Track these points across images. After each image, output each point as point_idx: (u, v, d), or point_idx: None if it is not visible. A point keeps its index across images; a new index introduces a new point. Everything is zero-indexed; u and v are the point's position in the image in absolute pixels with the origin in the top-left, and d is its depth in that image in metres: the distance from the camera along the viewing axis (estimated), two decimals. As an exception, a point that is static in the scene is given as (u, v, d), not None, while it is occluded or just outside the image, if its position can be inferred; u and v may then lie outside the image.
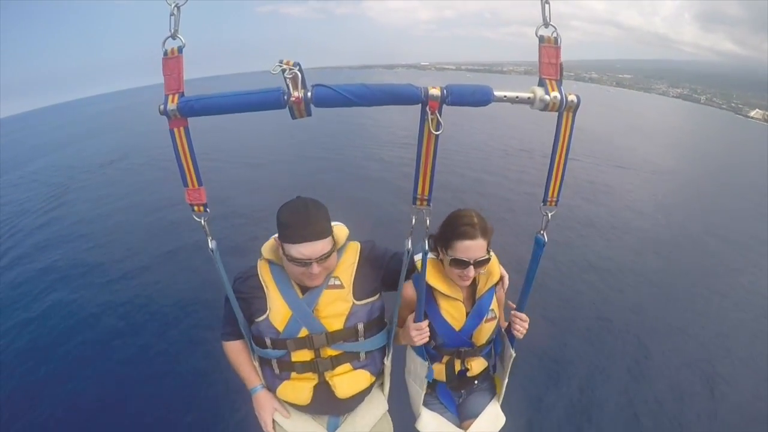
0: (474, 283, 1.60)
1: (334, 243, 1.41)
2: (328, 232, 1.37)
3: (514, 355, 1.63)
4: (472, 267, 1.46)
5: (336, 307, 1.44)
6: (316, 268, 1.34)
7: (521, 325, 1.56)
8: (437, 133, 1.08)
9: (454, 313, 1.57)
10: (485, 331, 1.61)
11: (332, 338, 1.45)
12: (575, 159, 14.46)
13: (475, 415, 1.70)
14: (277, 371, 1.53)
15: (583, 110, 1.18)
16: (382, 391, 1.69)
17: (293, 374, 1.51)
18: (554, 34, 1.10)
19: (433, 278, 1.54)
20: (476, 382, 1.74)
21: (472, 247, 1.44)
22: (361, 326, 1.48)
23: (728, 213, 10.65)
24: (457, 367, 1.67)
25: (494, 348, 1.75)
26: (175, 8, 1.00)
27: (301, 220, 1.31)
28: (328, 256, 1.36)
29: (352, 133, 17.87)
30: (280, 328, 1.43)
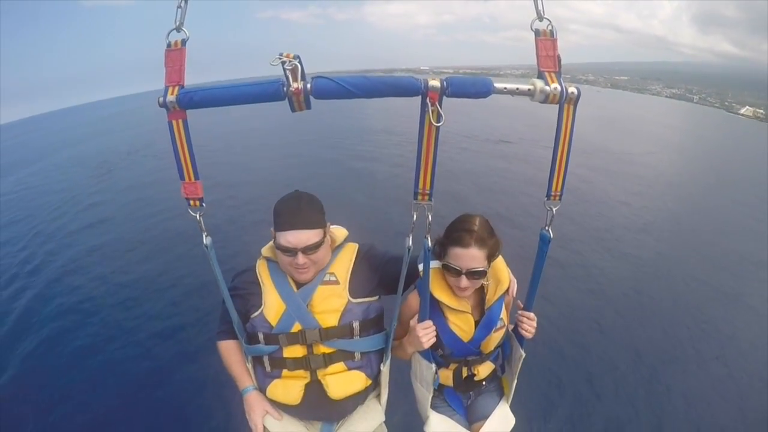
0: (482, 291, 1.55)
1: (325, 236, 1.41)
2: (317, 223, 1.37)
3: (524, 355, 1.58)
4: (464, 277, 1.39)
5: (331, 302, 1.42)
6: (301, 258, 1.34)
7: (529, 324, 1.51)
8: (438, 124, 1.08)
9: (462, 326, 1.53)
10: (494, 340, 1.57)
11: (326, 334, 1.41)
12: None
13: (485, 417, 1.66)
14: (268, 369, 1.47)
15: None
16: (379, 401, 1.63)
17: (285, 372, 1.45)
18: (549, 27, 1.10)
19: (439, 290, 1.49)
20: (484, 383, 1.70)
21: (463, 256, 1.38)
22: (356, 324, 1.44)
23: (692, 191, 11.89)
24: (464, 373, 1.64)
25: (502, 350, 1.70)
26: (183, 1, 1.00)
27: (290, 208, 1.35)
28: (315, 247, 1.35)
29: (350, 128, 18.16)
30: (273, 322, 1.41)
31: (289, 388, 1.45)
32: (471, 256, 1.38)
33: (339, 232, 1.52)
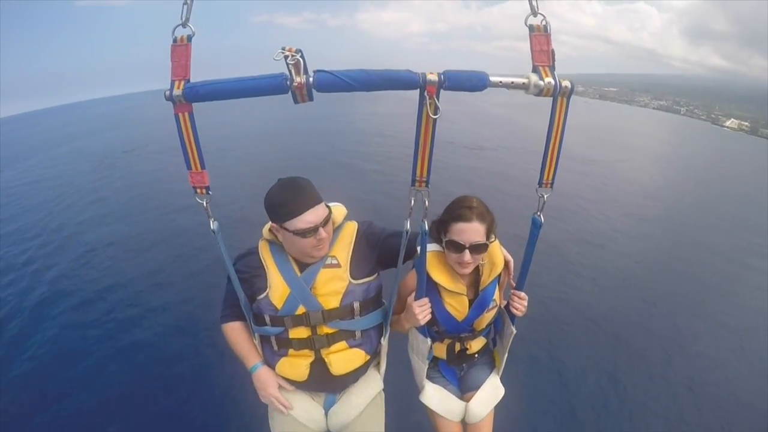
0: (477, 273, 1.61)
1: (329, 208, 1.47)
2: (320, 198, 1.44)
3: (515, 332, 1.66)
4: (467, 251, 1.45)
5: (333, 285, 1.48)
6: (323, 233, 1.39)
7: (520, 303, 1.59)
8: (435, 117, 1.11)
9: (457, 306, 1.60)
10: (486, 319, 1.65)
11: (328, 316, 1.48)
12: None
13: (476, 388, 1.75)
14: (275, 348, 1.55)
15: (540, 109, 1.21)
16: (378, 371, 1.73)
17: (291, 351, 1.53)
18: (543, 23, 1.14)
19: (436, 272, 1.55)
20: (476, 356, 1.78)
21: (467, 230, 1.45)
22: (357, 305, 1.51)
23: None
24: (457, 348, 1.71)
25: (494, 326, 1.78)
26: None
27: (296, 193, 1.38)
28: (329, 219, 1.43)
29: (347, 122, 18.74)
30: (279, 305, 1.46)
31: (296, 366, 1.54)
32: (474, 230, 1.45)
33: (337, 210, 1.56)
